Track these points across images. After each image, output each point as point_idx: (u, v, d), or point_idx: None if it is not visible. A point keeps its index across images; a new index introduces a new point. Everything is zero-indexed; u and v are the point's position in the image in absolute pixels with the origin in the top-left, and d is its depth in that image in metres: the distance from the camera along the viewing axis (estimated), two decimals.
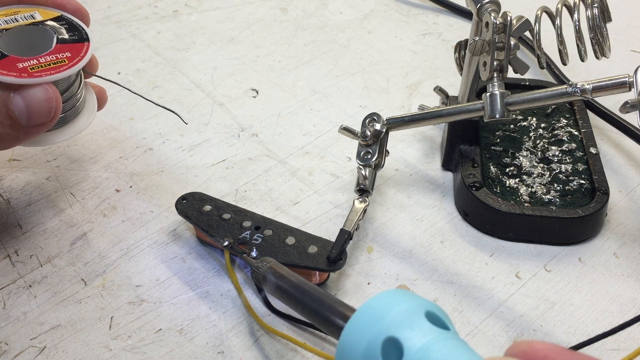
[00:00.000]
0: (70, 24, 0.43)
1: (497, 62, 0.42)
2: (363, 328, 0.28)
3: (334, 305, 0.33)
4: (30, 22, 0.42)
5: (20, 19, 0.42)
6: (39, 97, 0.38)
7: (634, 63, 0.66)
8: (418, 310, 0.28)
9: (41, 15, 0.43)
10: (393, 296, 0.29)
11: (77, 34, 0.43)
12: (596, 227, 0.47)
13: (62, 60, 0.40)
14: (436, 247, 0.46)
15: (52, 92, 0.39)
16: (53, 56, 0.40)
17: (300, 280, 0.36)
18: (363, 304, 0.29)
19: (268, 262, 0.38)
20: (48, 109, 0.39)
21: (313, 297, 0.34)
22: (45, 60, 0.40)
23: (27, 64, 0.39)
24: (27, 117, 0.38)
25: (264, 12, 0.73)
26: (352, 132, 0.48)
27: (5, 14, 0.42)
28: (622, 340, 0.40)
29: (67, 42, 0.42)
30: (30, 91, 0.38)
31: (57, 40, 0.42)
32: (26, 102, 0.38)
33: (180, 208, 0.45)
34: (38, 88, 0.39)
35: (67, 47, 0.41)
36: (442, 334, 0.27)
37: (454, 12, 0.74)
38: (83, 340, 0.39)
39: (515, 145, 0.52)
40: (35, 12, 0.43)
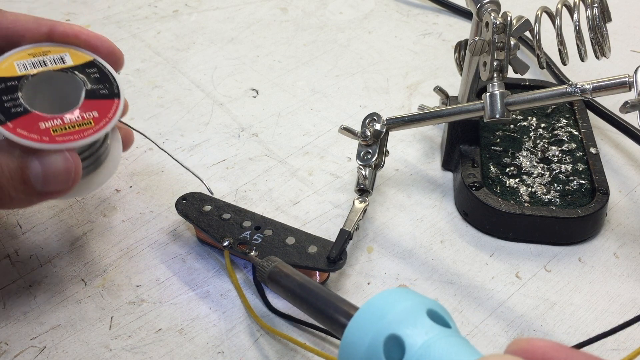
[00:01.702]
0: (101, 72, 0.39)
1: (497, 62, 0.42)
2: (366, 326, 0.29)
3: (338, 303, 0.33)
4: (60, 68, 0.38)
5: (49, 63, 0.38)
6: (58, 166, 0.35)
7: (634, 63, 0.66)
8: (420, 308, 0.28)
9: (72, 58, 0.39)
10: (395, 294, 0.29)
11: (107, 86, 0.39)
12: (596, 227, 0.47)
13: (88, 122, 0.36)
14: (436, 247, 0.46)
15: (72, 161, 0.36)
16: (79, 115, 0.37)
17: (305, 279, 0.36)
18: (366, 302, 0.29)
19: (273, 261, 0.38)
20: (66, 179, 0.36)
21: (317, 295, 0.34)
22: (71, 120, 0.36)
23: (50, 125, 0.35)
24: (42, 183, 0.35)
25: (264, 12, 0.73)
26: (352, 132, 0.48)
27: (34, 53, 0.38)
28: (622, 340, 0.40)
29: (96, 97, 0.38)
30: (49, 158, 0.35)
31: (86, 94, 0.38)
32: (44, 169, 0.35)
33: (180, 208, 0.45)
34: (58, 156, 0.35)
35: (95, 104, 0.37)
36: (444, 331, 0.27)
37: (454, 12, 0.74)
38: (83, 340, 0.39)
39: (515, 145, 0.52)
40: (66, 55, 0.39)
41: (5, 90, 0.36)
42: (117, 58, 0.41)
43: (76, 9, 0.72)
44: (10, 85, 0.36)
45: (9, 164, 0.35)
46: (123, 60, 0.41)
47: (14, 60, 0.37)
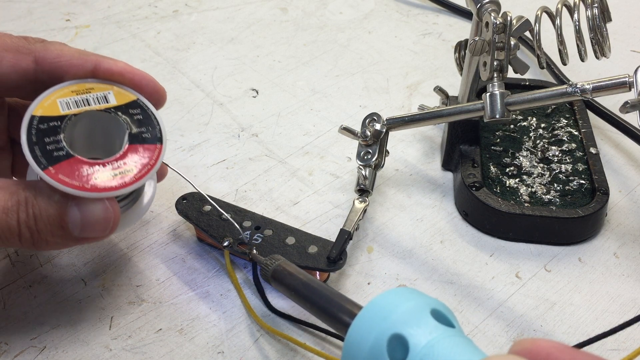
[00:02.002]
0: (144, 114, 0.38)
1: (497, 62, 0.42)
2: (369, 325, 0.29)
3: (342, 302, 0.33)
4: (103, 108, 0.37)
5: (92, 101, 0.37)
6: (98, 214, 0.35)
7: (634, 63, 0.66)
8: (424, 307, 0.28)
9: (116, 97, 0.38)
10: (399, 294, 0.29)
11: (150, 130, 0.38)
12: (596, 227, 0.47)
13: (130, 169, 0.36)
14: (436, 247, 0.46)
15: (111, 210, 0.35)
16: (121, 162, 0.36)
17: (309, 277, 0.36)
18: (370, 302, 0.30)
19: (277, 259, 0.38)
20: (104, 227, 0.36)
21: (321, 294, 0.34)
22: (112, 167, 0.36)
23: (92, 171, 0.35)
24: (80, 230, 0.35)
25: (264, 12, 0.73)
26: (352, 132, 0.48)
27: (77, 90, 0.37)
28: (622, 340, 0.40)
29: (138, 142, 0.37)
30: (89, 206, 0.35)
31: (129, 138, 0.37)
32: (83, 217, 0.35)
33: (180, 208, 0.45)
34: (98, 204, 0.35)
35: (137, 150, 0.37)
36: (447, 331, 0.27)
37: (454, 12, 0.74)
38: (83, 340, 0.39)
39: (515, 145, 0.52)
40: (110, 93, 0.38)
41: (48, 131, 0.35)
42: (160, 96, 0.40)
43: (76, 9, 0.72)
44: (53, 125, 0.36)
45: (48, 209, 0.34)
46: (165, 98, 0.41)
47: (57, 98, 0.37)
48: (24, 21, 0.69)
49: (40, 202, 0.34)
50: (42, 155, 0.34)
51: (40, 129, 0.35)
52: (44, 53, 0.37)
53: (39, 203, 0.34)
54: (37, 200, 0.34)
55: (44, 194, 0.35)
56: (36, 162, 0.34)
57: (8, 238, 0.34)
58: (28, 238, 0.35)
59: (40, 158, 0.34)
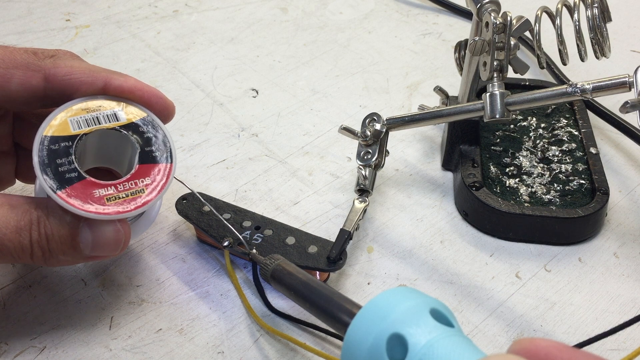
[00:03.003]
0: (154, 132, 0.39)
1: (497, 62, 0.42)
2: (369, 325, 0.29)
3: (341, 302, 0.33)
4: (113, 126, 0.37)
5: (102, 120, 0.37)
6: (109, 236, 0.36)
7: (634, 63, 0.66)
8: (423, 307, 0.28)
9: (126, 114, 0.38)
10: (399, 293, 0.29)
11: (160, 149, 0.38)
12: (596, 227, 0.47)
13: (141, 190, 0.36)
14: (436, 247, 0.46)
15: (122, 232, 0.36)
16: (132, 182, 0.36)
17: (308, 277, 0.36)
18: (369, 301, 0.30)
19: (276, 259, 0.38)
20: (115, 247, 0.36)
21: (320, 294, 0.34)
22: (124, 187, 0.36)
23: (104, 193, 0.35)
24: (91, 250, 0.36)
25: (264, 12, 0.73)
26: (352, 132, 0.48)
27: (87, 108, 0.37)
28: (622, 340, 0.40)
29: (149, 161, 0.37)
30: (101, 227, 0.35)
31: (140, 158, 0.37)
32: (94, 237, 0.35)
33: (180, 208, 0.45)
34: (110, 226, 0.36)
35: (148, 170, 0.37)
36: (447, 331, 0.27)
37: (454, 12, 0.74)
38: (83, 340, 0.39)
39: (515, 145, 0.52)
40: (120, 110, 0.38)
41: (60, 152, 0.35)
42: (169, 112, 0.40)
43: (76, 9, 0.72)
44: (64, 145, 0.36)
45: (60, 230, 0.35)
46: (174, 113, 0.41)
47: (68, 117, 0.37)
48: (24, 21, 0.69)
49: (52, 222, 0.35)
50: (54, 176, 0.35)
51: (51, 150, 0.35)
52: (54, 70, 0.37)
53: (51, 223, 0.35)
54: (49, 220, 0.35)
55: (56, 214, 0.35)
56: (49, 185, 0.34)
57: (20, 256, 0.35)
58: (40, 256, 0.35)
59: (53, 180, 0.34)
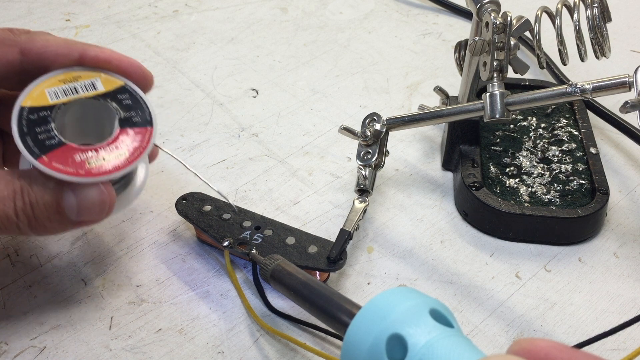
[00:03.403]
0: (133, 99, 0.39)
1: (497, 62, 0.42)
2: (368, 325, 0.29)
3: (341, 302, 0.33)
4: (92, 95, 0.38)
5: (80, 89, 0.37)
6: (93, 198, 0.35)
7: (634, 63, 0.66)
8: (423, 307, 0.28)
9: (103, 84, 0.38)
10: (398, 294, 0.29)
11: (140, 114, 0.38)
12: (596, 227, 0.47)
13: (123, 153, 0.36)
14: (436, 247, 0.46)
15: (107, 193, 0.36)
16: (113, 146, 0.36)
17: (308, 277, 0.36)
18: (368, 301, 0.30)
19: (276, 259, 0.38)
20: (100, 210, 0.36)
21: (320, 294, 0.34)
22: (105, 152, 0.36)
23: (85, 157, 0.35)
24: (77, 215, 0.36)
25: (264, 12, 0.73)
26: (352, 132, 0.48)
27: (65, 79, 0.37)
28: (622, 340, 0.40)
29: (129, 126, 0.37)
30: (84, 191, 0.35)
31: (119, 123, 0.37)
32: (79, 201, 0.35)
33: (180, 208, 0.45)
34: (93, 189, 0.35)
35: (128, 133, 0.37)
36: (446, 331, 0.27)
37: (454, 12, 0.74)
38: (83, 340, 0.39)
39: (515, 145, 0.52)
40: (97, 80, 0.38)
41: (38, 121, 0.35)
42: (147, 81, 0.40)
43: (76, 9, 0.72)
44: (43, 115, 0.36)
45: (44, 196, 0.35)
46: (153, 82, 0.41)
47: (45, 88, 0.37)
48: (24, 21, 0.69)
49: (35, 190, 0.35)
50: (34, 144, 0.35)
51: (30, 120, 0.35)
52: (29, 44, 0.37)
53: (35, 191, 0.35)
54: (33, 188, 0.35)
55: (38, 181, 0.35)
56: (29, 151, 0.34)
57: (6, 226, 0.35)
58: (26, 225, 0.35)
59: (33, 148, 0.34)
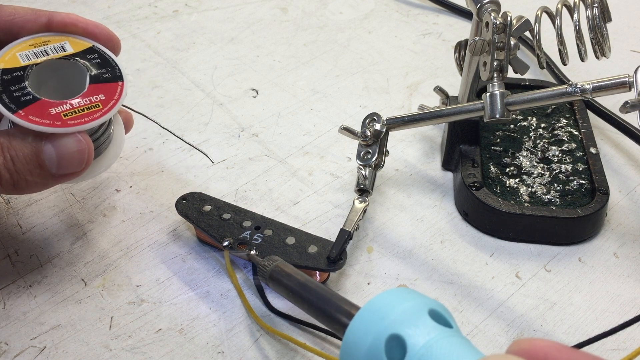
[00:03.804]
0: (102, 58, 0.40)
1: (497, 62, 0.42)
2: (367, 325, 0.29)
3: (339, 303, 0.33)
4: (62, 56, 0.39)
5: (50, 52, 0.39)
6: (72, 148, 0.37)
7: (634, 63, 0.66)
8: (421, 308, 0.28)
9: (72, 46, 0.40)
10: (397, 294, 0.29)
11: (110, 70, 0.40)
12: (596, 227, 0.47)
13: (96, 105, 0.38)
14: (436, 247, 0.46)
15: (85, 142, 0.37)
16: (87, 99, 0.38)
17: (306, 278, 0.36)
18: (367, 302, 0.30)
19: (274, 260, 0.38)
20: (80, 160, 0.37)
21: (318, 295, 0.34)
22: (79, 104, 0.37)
23: (60, 110, 0.37)
24: (57, 167, 0.37)
25: (264, 12, 0.73)
26: (352, 132, 0.48)
27: (35, 43, 0.39)
28: (622, 340, 0.40)
29: (100, 81, 0.39)
30: (62, 141, 0.36)
31: (90, 79, 0.39)
32: (57, 152, 0.36)
33: (180, 208, 0.45)
34: (71, 138, 0.37)
35: (100, 88, 0.39)
36: (445, 331, 0.27)
37: (454, 12, 0.74)
38: (83, 340, 0.39)
39: (515, 145, 0.52)
40: (66, 43, 0.40)
41: (13, 80, 0.37)
42: (114, 44, 0.42)
43: (76, 9, 0.72)
44: (17, 75, 0.38)
45: (24, 149, 0.36)
46: (120, 46, 0.43)
47: (17, 52, 0.39)
48: None
49: (15, 145, 0.36)
50: (10, 101, 0.36)
51: (4, 80, 0.37)
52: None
53: (14, 145, 0.36)
54: (12, 143, 0.36)
55: (17, 136, 0.36)
56: (6, 107, 0.36)
57: None
58: (8, 179, 0.36)
59: (9, 104, 0.36)
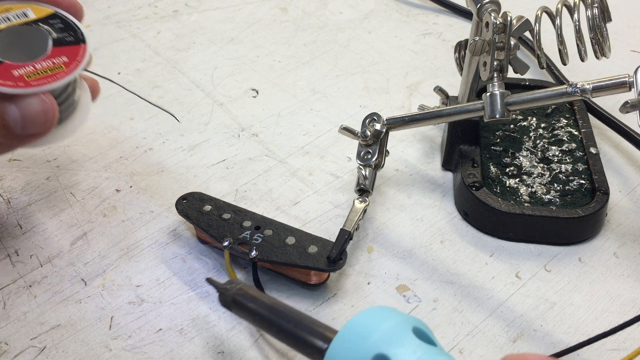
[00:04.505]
0: (65, 23, 0.41)
1: (497, 62, 0.42)
2: (349, 347, 0.27)
3: (313, 326, 0.31)
4: (24, 22, 0.40)
5: (12, 18, 0.39)
6: (36, 108, 0.37)
7: (634, 63, 0.66)
8: (405, 326, 0.28)
9: (34, 12, 0.40)
10: (377, 313, 0.28)
11: (72, 34, 0.40)
12: (596, 227, 0.47)
13: (59, 66, 0.38)
14: (436, 247, 0.46)
15: (49, 102, 0.37)
16: (49, 61, 0.38)
17: (274, 301, 0.34)
18: (346, 323, 0.28)
19: (237, 283, 0.36)
20: (44, 120, 0.37)
21: (289, 318, 0.32)
22: (42, 66, 0.38)
23: (23, 72, 0.37)
24: (22, 127, 0.37)
25: (264, 12, 0.73)
26: (352, 132, 0.48)
27: None
28: (622, 340, 0.40)
29: (63, 44, 0.39)
30: (26, 101, 0.36)
31: (53, 43, 0.39)
32: (22, 113, 0.36)
33: (181, 208, 0.45)
34: (35, 99, 0.37)
35: (63, 50, 0.39)
36: (431, 349, 0.27)
37: (454, 12, 0.74)
38: (83, 340, 0.39)
39: (515, 145, 0.52)
40: (28, 9, 0.40)
41: None
42: (76, 10, 0.42)
43: None
44: None
45: None
46: (83, 12, 0.43)
47: None
48: None
49: None
50: None
51: None
52: None
53: None
54: None
55: None
56: None
57: None
58: None
59: None
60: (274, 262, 0.42)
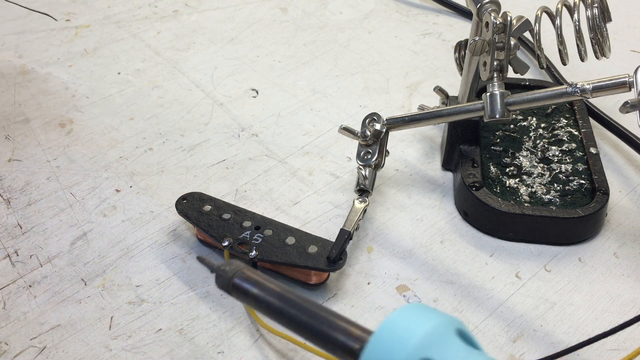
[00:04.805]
0: None
1: (497, 62, 0.42)
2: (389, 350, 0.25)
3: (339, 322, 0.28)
4: None
5: None
6: None
7: (634, 63, 0.66)
8: (448, 328, 0.25)
9: None
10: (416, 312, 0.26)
11: None
12: (596, 227, 0.47)
13: None
14: (436, 247, 0.46)
15: None
16: None
17: (283, 287, 0.30)
18: (383, 322, 0.26)
19: (235, 264, 0.31)
20: None
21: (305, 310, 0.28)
22: None
23: None
24: None
25: (264, 12, 0.73)
26: (352, 132, 0.48)
27: None
28: (622, 340, 0.40)
29: None
30: None
31: None
32: None
33: (180, 208, 0.45)
34: None
35: None
36: (480, 355, 0.25)
37: (454, 12, 0.74)
38: (83, 340, 0.39)
39: (515, 145, 0.52)
40: None
41: None
42: None
43: (76, 9, 0.72)
44: None
45: None
46: None
47: None
48: (24, 21, 0.69)
49: None
50: None
51: None
52: None
53: None
54: None
55: None
56: None
57: None
58: None
59: None
60: (273, 262, 0.42)
